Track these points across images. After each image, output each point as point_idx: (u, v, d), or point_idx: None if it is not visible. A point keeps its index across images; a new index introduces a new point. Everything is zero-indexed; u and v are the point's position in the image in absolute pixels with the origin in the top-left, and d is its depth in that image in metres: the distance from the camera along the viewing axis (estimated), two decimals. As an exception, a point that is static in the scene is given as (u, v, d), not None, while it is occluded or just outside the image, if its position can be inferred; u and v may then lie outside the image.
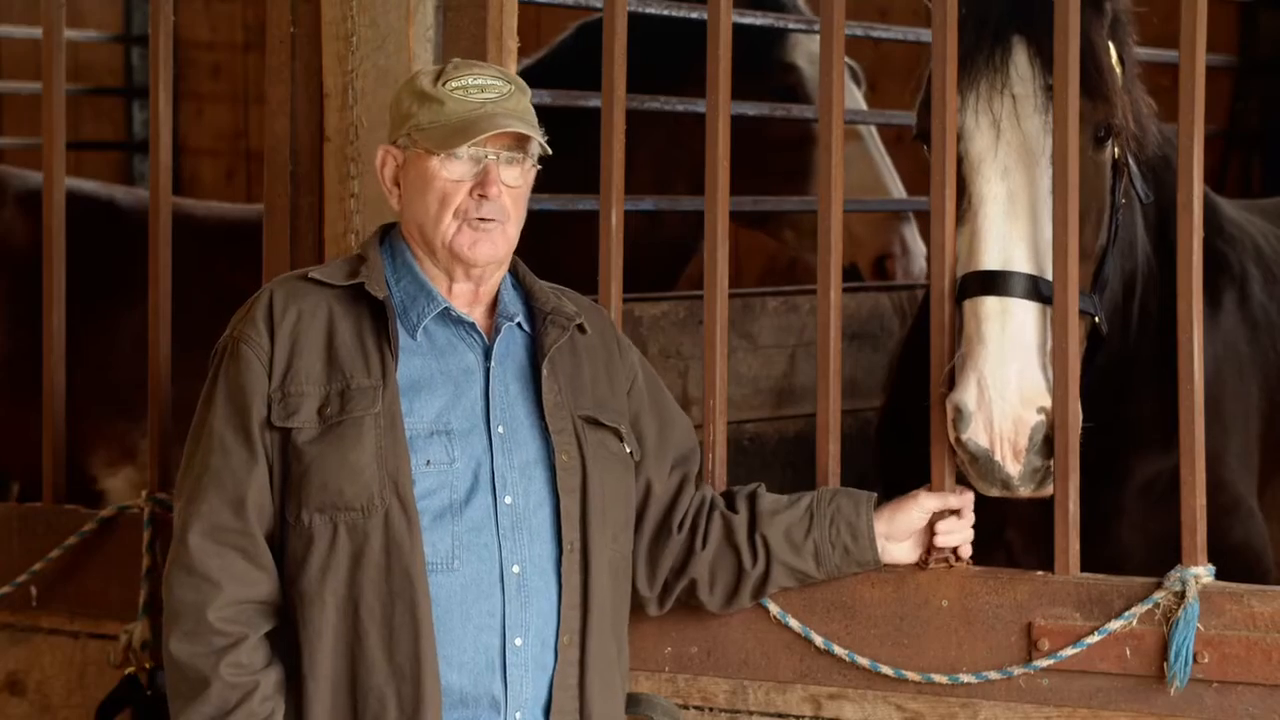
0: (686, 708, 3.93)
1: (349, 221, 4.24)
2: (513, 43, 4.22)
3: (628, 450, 3.66)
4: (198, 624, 3.40)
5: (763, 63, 5.80)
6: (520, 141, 3.53)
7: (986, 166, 3.79)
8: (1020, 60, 3.88)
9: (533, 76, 5.23)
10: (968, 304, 3.76)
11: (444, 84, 3.53)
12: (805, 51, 5.86)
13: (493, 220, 3.50)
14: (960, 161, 3.86)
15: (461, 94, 3.52)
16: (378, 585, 3.41)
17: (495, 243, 3.51)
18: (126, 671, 4.37)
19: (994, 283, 3.76)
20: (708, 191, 3.98)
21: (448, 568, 3.43)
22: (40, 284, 4.76)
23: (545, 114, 5.11)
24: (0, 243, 5.86)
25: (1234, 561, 3.74)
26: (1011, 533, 4.33)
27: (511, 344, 3.59)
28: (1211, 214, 4.51)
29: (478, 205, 3.49)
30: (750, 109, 5.35)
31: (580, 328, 3.64)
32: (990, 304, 3.75)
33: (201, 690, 3.39)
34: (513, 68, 4.20)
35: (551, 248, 5.33)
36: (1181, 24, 3.66)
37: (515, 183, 3.53)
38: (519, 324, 3.60)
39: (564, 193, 4.95)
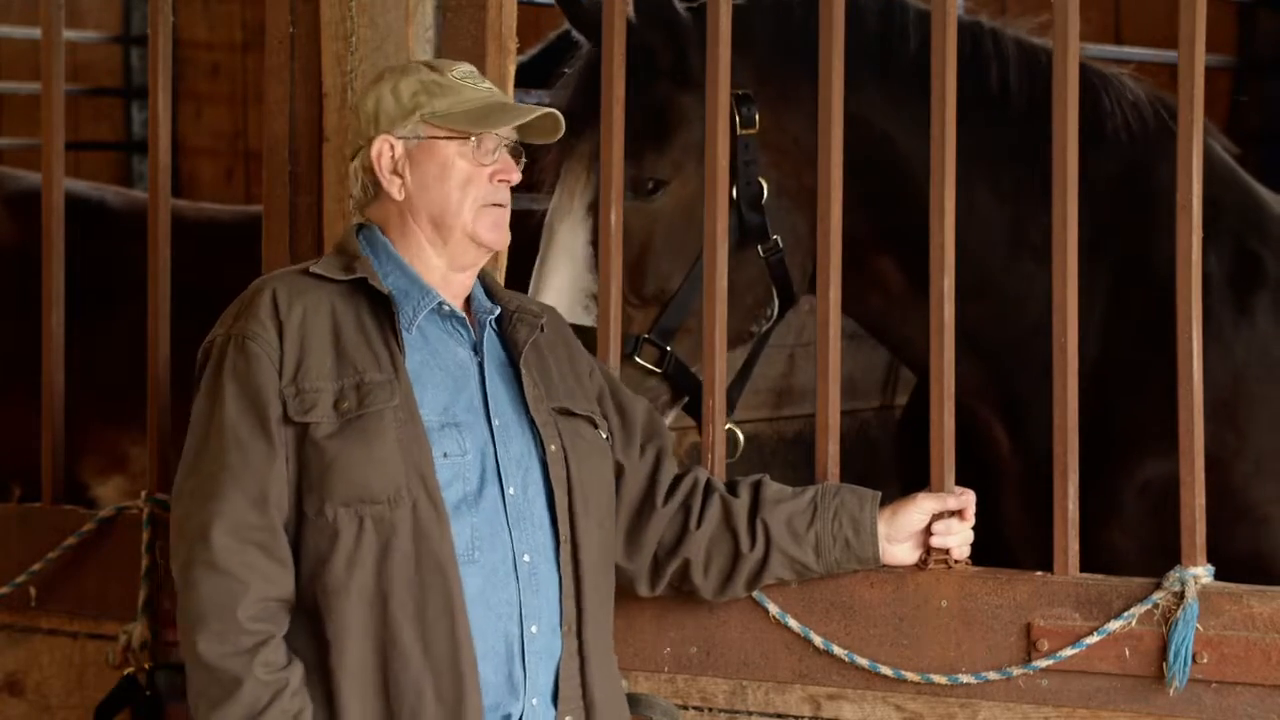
0: (686, 708, 3.93)
1: (348, 221, 4.23)
2: (512, 43, 4.22)
3: (604, 437, 3.69)
4: (227, 624, 3.36)
5: None
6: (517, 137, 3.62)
7: None
8: None
9: (524, 75, 5.23)
10: None
11: (443, 73, 3.59)
12: None
13: (505, 207, 3.58)
14: None
15: (472, 82, 3.59)
16: (407, 577, 3.41)
17: (506, 228, 3.59)
18: (125, 672, 4.37)
19: None
20: (708, 192, 3.98)
21: (469, 559, 3.45)
22: (29, 285, 4.75)
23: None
24: None
25: (1242, 572, 3.73)
26: (1009, 533, 4.34)
27: (491, 339, 3.63)
28: (1255, 214, 4.51)
29: (496, 191, 3.56)
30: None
31: (540, 325, 3.68)
32: None
33: (234, 690, 3.35)
34: (512, 68, 4.21)
35: None
36: (1181, 24, 3.66)
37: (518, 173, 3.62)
38: (491, 320, 3.64)
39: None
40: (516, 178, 3.56)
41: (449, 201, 3.54)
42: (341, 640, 3.41)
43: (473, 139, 3.53)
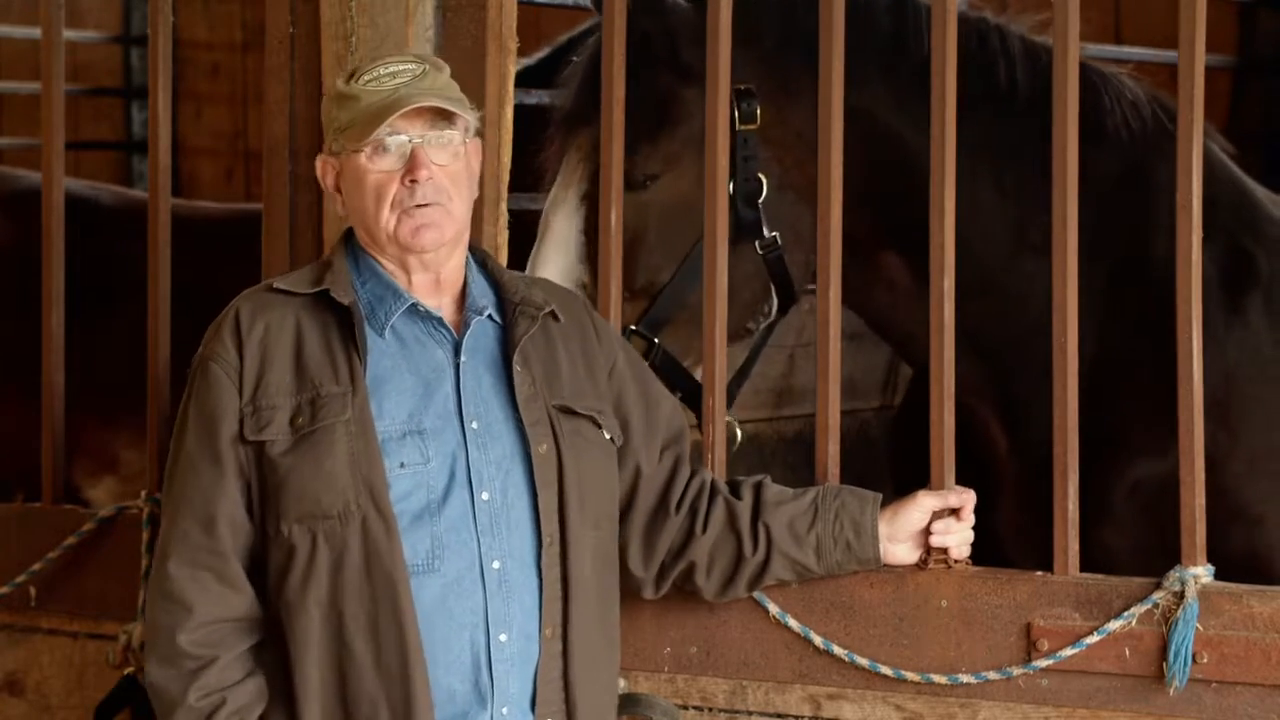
0: (686, 708, 3.93)
1: (347, 222, 4.23)
2: (512, 43, 4.22)
3: (607, 437, 3.65)
4: (170, 648, 3.43)
5: None
6: (446, 119, 3.53)
7: None
8: None
9: (531, 76, 5.24)
10: None
11: (357, 80, 3.54)
12: None
13: (431, 205, 3.49)
14: None
15: (374, 85, 3.52)
16: (359, 592, 3.42)
17: (440, 225, 3.51)
18: (125, 672, 4.36)
19: None
20: (708, 192, 3.98)
21: (429, 568, 3.44)
22: (28, 285, 4.73)
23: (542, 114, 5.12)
24: None
25: (1237, 571, 3.72)
26: (1005, 532, 4.34)
27: (482, 337, 3.58)
28: (1250, 213, 4.51)
29: (411, 193, 3.49)
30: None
31: (553, 315, 3.64)
32: None
33: (171, 712, 3.44)
34: (512, 68, 4.20)
35: None
36: (1181, 24, 3.66)
37: (447, 162, 3.52)
38: (490, 316, 3.60)
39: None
40: (424, 174, 3.48)
41: (367, 213, 3.53)
42: (302, 653, 3.44)
43: (366, 149, 3.50)
